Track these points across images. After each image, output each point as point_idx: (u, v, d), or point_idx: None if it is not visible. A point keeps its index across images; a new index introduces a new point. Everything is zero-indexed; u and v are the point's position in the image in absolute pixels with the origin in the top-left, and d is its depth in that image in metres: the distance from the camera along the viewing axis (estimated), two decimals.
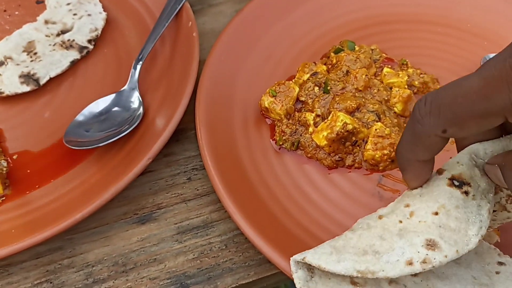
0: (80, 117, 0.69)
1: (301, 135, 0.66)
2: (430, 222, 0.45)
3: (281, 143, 0.66)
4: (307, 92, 0.69)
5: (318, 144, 0.64)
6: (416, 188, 0.48)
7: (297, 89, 0.69)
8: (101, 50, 0.81)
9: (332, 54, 0.73)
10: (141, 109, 0.71)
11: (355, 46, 0.74)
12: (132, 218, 0.65)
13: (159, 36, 0.75)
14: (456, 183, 0.47)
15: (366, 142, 0.64)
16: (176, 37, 0.77)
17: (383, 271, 0.43)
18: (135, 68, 0.74)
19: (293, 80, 0.71)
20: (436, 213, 0.46)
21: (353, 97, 0.66)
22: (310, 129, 0.65)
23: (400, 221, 0.46)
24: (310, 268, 0.48)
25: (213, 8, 0.87)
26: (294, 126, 0.67)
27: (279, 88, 0.69)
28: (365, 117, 0.65)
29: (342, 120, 0.62)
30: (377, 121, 0.65)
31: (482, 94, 0.38)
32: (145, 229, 0.64)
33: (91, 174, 0.66)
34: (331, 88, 0.68)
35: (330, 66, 0.72)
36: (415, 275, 0.48)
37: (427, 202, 0.47)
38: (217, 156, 0.64)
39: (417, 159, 0.46)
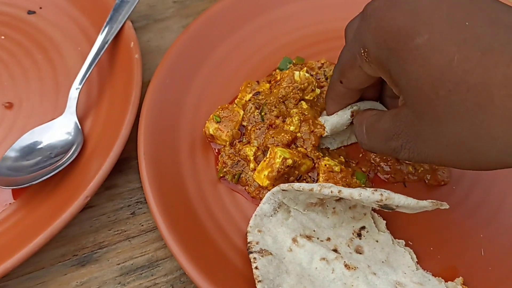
0: (11, 153, 0.64)
1: (243, 168, 0.63)
2: None
3: (221, 175, 0.63)
4: (248, 115, 0.65)
5: (261, 184, 0.61)
6: (331, 114, 0.62)
7: (241, 112, 0.65)
8: (37, 73, 0.75)
9: (278, 70, 0.70)
10: (80, 139, 0.66)
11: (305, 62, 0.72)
12: (71, 260, 0.61)
13: (98, 58, 0.70)
14: None
15: (311, 176, 0.61)
16: (117, 59, 0.72)
17: (351, 193, 0.52)
18: (73, 94, 0.69)
19: (236, 101, 0.68)
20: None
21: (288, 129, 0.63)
22: (252, 165, 0.62)
23: None
24: (275, 210, 0.59)
25: (159, 24, 0.82)
26: (236, 157, 0.63)
27: (223, 112, 0.65)
28: (305, 145, 0.62)
29: (280, 156, 0.59)
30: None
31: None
32: (85, 271, 0.60)
33: (24, 215, 0.61)
34: (265, 113, 0.64)
35: (273, 83, 0.68)
36: (348, 268, 0.56)
37: None
38: (161, 189, 0.60)
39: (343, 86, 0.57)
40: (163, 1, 0.85)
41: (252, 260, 0.55)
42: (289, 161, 0.59)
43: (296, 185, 0.56)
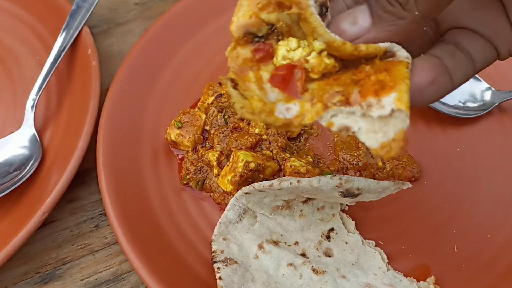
0: None
1: (207, 174, 0.61)
2: None
3: (185, 182, 0.61)
4: (211, 119, 0.63)
5: (225, 190, 0.59)
6: None
7: (203, 116, 0.63)
8: None
9: None
10: (38, 152, 0.64)
11: None
12: (33, 278, 0.59)
13: (55, 67, 0.68)
14: None
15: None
16: (75, 67, 0.70)
17: (310, 181, 0.50)
18: (30, 105, 0.66)
19: (198, 105, 0.65)
20: None
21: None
22: (215, 171, 0.60)
23: None
24: (241, 216, 0.57)
25: (121, 27, 0.80)
26: (199, 163, 0.61)
27: (185, 117, 0.63)
28: (271, 148, 0.60)
29: (243, 160, 0.56)
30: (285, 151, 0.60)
31: None
32: None
33: None
34: (229, 117, 0.62)
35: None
36: (316, 273, 0.54)
37: None
38: (122, 201, 0.58)
39: None
40: (124, 3, 0.82)
41: (216, 270, 0.53)
42: (252, 165, 0.57)
43: (257, 184, 0.54)
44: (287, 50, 0.36)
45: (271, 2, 0.35)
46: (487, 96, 0.64)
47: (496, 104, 0.64)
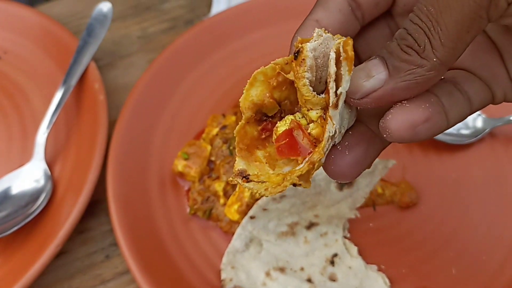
0: None
1: (214, 204, 0.63)
2: None
3: (192, 212, 0.63)
4: (216, 150, 0.65)
5: (232, 219, 0.61)
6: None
7: (209, 147, 0.66)
8: (4, 119, 0.75)
9: None
10: (49, 186, 0.66)
11: None
12: None
13: (64, 102, 0.70)
14: None
15: None
16: (82, 101, 0.72)
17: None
18: (40, 139, 0.69)
19: (203, 136, 0.68)
20: None
21: None
22: (222, 201, 0.62)
23: None
24: (247, 245, 0.60)
25: (124, 60, 0.83)
26: (205, 193, 0.64)
27: (191, 149, 0.65)
28: None
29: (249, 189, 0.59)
30: None
31: None
32: None
33: None
34: (233, 148, 0.65)
35: (239, 115, 0.69)
36: None
37: None
38: (132, 232, 0.60)
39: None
40: (127, 37, 0.85)
41: None
42: (258, 195, 0.59)
43: (260, 201, 0.58)
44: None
45: (286, 80, 0.33)
46: (479, 123, 0.68)
47: (488, 130, 0.67)
